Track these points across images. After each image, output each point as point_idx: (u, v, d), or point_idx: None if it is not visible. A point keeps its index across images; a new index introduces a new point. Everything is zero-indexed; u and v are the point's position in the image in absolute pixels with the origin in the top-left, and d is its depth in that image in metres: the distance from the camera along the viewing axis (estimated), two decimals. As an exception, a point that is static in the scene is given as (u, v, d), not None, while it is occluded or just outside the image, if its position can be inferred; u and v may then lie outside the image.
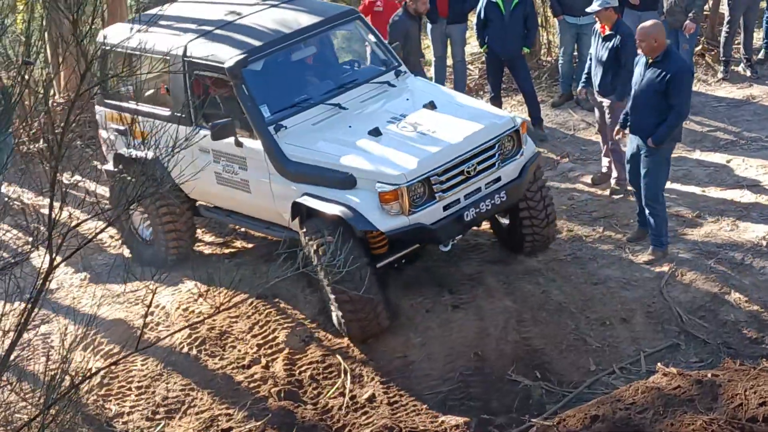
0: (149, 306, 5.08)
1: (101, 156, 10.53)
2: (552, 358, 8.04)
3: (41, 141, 11.09)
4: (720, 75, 11.84)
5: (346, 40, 9.84)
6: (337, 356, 8.33)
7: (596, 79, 9.55)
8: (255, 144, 8.49)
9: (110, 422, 7.99)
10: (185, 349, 8.63)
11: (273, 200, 8.58)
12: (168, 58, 8.57)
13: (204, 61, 8.73)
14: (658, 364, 6.64)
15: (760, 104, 11.13)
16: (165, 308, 9.12)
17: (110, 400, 8.26)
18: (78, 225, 4.40)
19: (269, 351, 8.51)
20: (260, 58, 8.67)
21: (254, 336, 8.67)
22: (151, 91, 9.46)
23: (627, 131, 8.75)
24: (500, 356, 8.05)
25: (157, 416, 8.05)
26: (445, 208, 8.12)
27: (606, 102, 9.57)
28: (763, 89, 11.38)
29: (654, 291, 8.50)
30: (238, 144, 8.54)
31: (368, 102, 8.79)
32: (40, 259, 4.63)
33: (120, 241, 10.25)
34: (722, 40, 11.80)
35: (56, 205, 4.32)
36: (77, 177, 6.51)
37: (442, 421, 7.49)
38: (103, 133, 9.88)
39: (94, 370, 5.53)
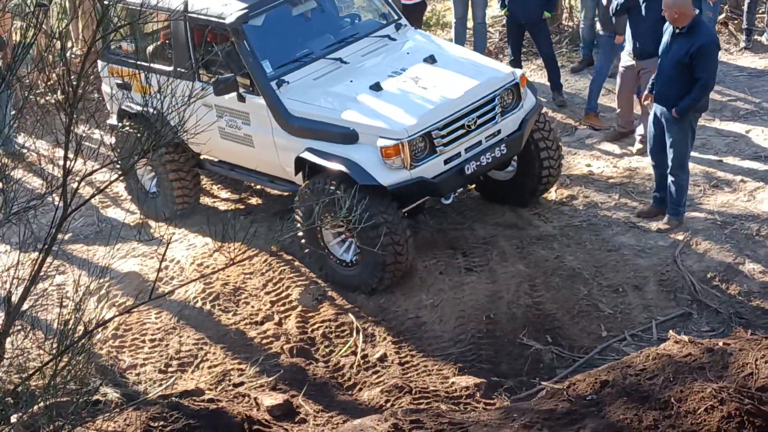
0: (163, 256, 5.10)
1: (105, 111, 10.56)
2: (563, 323, 8.05)
3: (58, 92, 11.10)
4: (742, 44, 11.74)
5: None
6: (350, 315, 8.37)
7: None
8: (258, 99, 8.55)
9: (123, 374, 8.06)
10: (199, 304, 8.69)
11: (276, 155, 8.66)
12: (170, 13, 8.64)
13: (205, 17, 8.75)
14: (670, 331, 6.65)
15: (781, 75, 11.06)
16: (180, 263, 9.17)
17: (124, 352, 8.33)
18: (92, 173, 4.41)
19: (282, 308, 8.55)
20: (261, 13, 8.71)
21: (268, 293, 8.72)
22: (154, 47, 9.50)
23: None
24: (512, 320, 8.07)
25: (170, 369, 8.11)
26: (446, 161, 8.23)
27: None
28: (787, 60, 11.29)
29: (668, 259, 8.48)
30: (241, 99, 8.60)
31: (369, 56, 8.84)
32: (55, 210, 4.65)
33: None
34: (745, 8, 11.68)
35: (70, 156, 4.33)
36: (94, 130, 6.53)
37: (453, 383, 7.52)
38: (106, 88, 9.92)
39: (107, 319, 5.55)
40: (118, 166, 4.53)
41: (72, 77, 4.22)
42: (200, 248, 9.27)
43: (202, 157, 9.53)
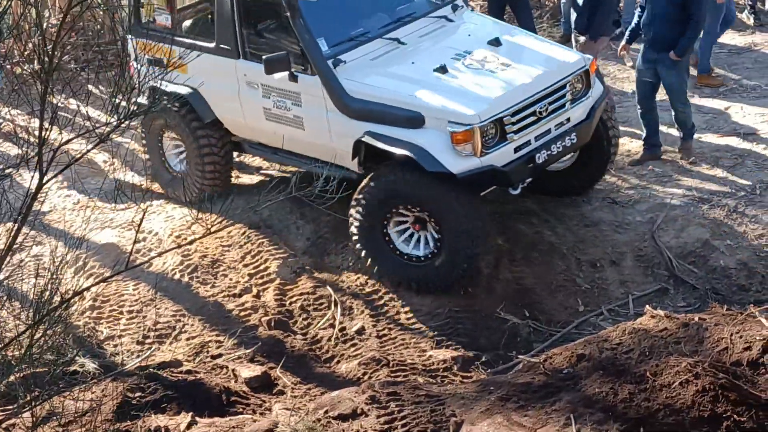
0: (139, 225, 5.07)
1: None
2: (541, 298, 8.10)
3: (35, 62, 11.01)
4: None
5: None
6: (328, 288, 8.38)
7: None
8: (311, 79, 8.15)
9: (101, 345, 8.05)
10: (177, 276, 8.67)
11: (330, 138, 8.26)
12: None
13: None
14: (646, 306, 6.69)
15: (761, 52, 11.07)
16: (158, 234, 9.14)
17: (101, 324, 8.31)
18: (67, 142, 4.38)
19: (260, 281, 8.55)
20: None
21: (246, 265, 8.71)
22: (191, 21, 9.17)
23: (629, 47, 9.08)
24: (490, 294, 8.10)
25: (148, 340, 8.11)
26: (516, 149, 7.86)
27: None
28: (765, 37, 11.30)
29: (645, 235, 8.52)
30: (293, 79, 8.20)
31: (427, 37, 8.48)
32: (32, 181, 4.63)
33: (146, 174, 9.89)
34: (727, -15, 11.68)
35: (46, 125, 4.30)
36: (71, 101, 6.48)
37: (430, 356, 7.56)
38: (134, 65, 9.13)
39: (83, 288, 5.56)
40: (98, 134, 4.47)
41: (48, 46, 4.17)
42: (178, 220, 9.24)
43: (240, 139, 9.14)
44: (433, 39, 8.47)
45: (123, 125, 4.15)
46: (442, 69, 7.97)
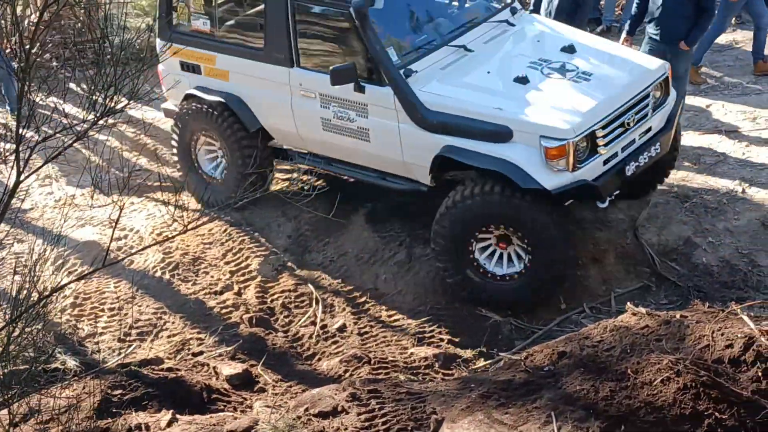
0: (116, 222, 5.04)
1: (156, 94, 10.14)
2: (523, 295, 8.09)
3: (16, 59, 10.99)
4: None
5: None
6: (309, 286, 8.37)
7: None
8: (381, 90, 7.83)
9: (82, 342, 8.01)
10: (158, 274, 8.64)
11: (400, 151, 7.96)
12: None
13: None
14: (628, 303, 6.69)
15: (742, 49, 11.10)
16: (139, 232, 9.10)
17: (82, 321, 8.27)
18: (45, 140, 4.35)
19: (242, 278, 8.53)
20: None
21: (227, 263, 8.69)
22: (235, 26, 8.79)
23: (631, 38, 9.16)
24: (472, 291, 8.09)
25: (129, 338, 8.08)
26: (605, 162, 7.64)
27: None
28: (746, 35, 11.32)
29: (627, 232, 8.53)
30: (359, 89, 7.90)
31: (492, 43, 8.23)
32: (10, 179, 4.59)
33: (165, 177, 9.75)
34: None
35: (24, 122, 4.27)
36: (52, 98, 6.45)
37: (411, 353, 7.55)
38: (163, 69, 9.07)
39: (61, 285, 5.52)
40: (77, 130, 4.44)
41: (25, 44, 4.14)
42: (159, 218, 9.21)
43: (286, 147, 8.89)
44: (500, 45, 8.24)
45: (100, 122, 4.11)
46: (523, 79, 7.70)
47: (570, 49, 8.06)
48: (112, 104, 4.24)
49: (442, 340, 7.79)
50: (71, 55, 11.84)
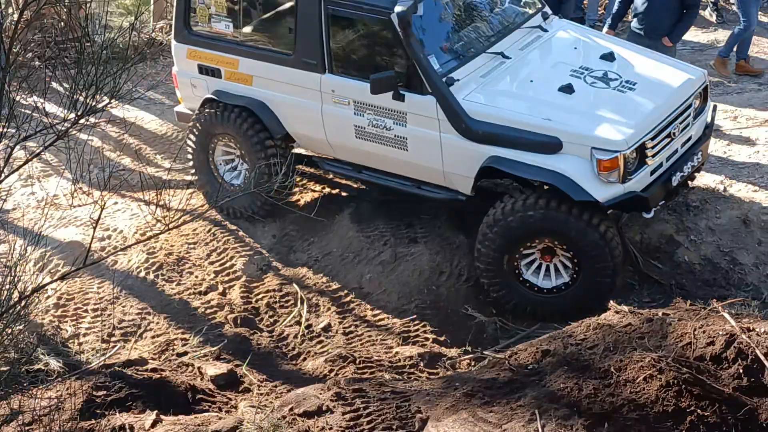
0: (97, 221, 5.03)
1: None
2: (507, 294, 8.11)
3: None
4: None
5: None
6: (294, 285, 8.37)
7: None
8: (423, 99, 7.69)
9: (65, 343, 7.98)
10: (142, 274, 8.62)
11: (440, 160, 7.82)
12: None
13: (356, 3, 7.81)
14: (611, 301, 6.73)
15: (724, 49, 11.14)
16: (123, 232, 9.07)
17: (66, 322, 8.24)
18: (26, 139, 4.33)
19: (226, 278, 8.53)
20: (423, 0, 7.78)
21: (212, 263, 8.68)
22: (260, 30, 8.59)
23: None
24: (456, 291, 8.12)
25: (113, 339, 8.06)
26: (652, 172, 7.58)
27: None
28: (728, 34, 11.36)
29: (611, 231, 8.55)
30: (399, 97, 7.74)
31: (529, 50, 8.13)
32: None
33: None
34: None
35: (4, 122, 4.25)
36: (34, 98, 6.42)
37: (396, 353, 7.56)
38: (178, 72, 8.93)
39: (42, 285, 5.50)
40: (58, 129, 4.42)
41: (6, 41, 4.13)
42: (143, 218, 9.19)
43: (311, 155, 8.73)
44: (538, 52, 8.16)
45: (81, 121, 4.10)
46: (568, 88, 7.62)
47: (609, 57, 8.00)
48: (93, 103, 4.23)
49: (427, 339, 7.81)
50: (53, 53, 11.80)
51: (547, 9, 8.57)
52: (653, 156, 7.52)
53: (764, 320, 5.86)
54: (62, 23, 11.89)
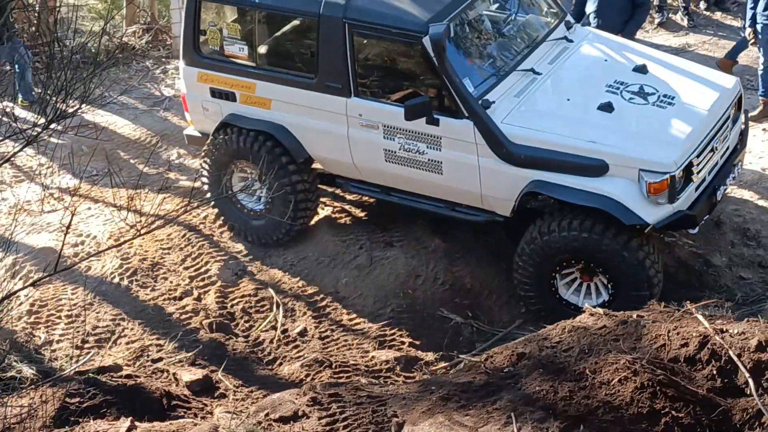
0: (68, 228, 4.99)
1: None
2: (483, 298, 8.13)
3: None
4: (657, 21, 11.91)
5: None
6: (270, 290, 8.35)
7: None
8: (459, 123, 7.51)
9: (39, 350, 7.93)
10: (116, 280, 8.57)
11: (479, 184, 7.65)
12: (316, 16, 7.76)
13: (384, 26, 7.61)
14: (586, 303, 6.76)
15: (695, 53, 11.22)
16: (96, 238, 9.02)
17: (39, 329, 8.19)
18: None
19: (201, 283, 8.50)
20: (453, 20, 7.62)
21: (186, 268, 8.65)
22: (278, 53, 8.43)
23: None
24: (432, 294, 8.12)
25: (87, 345, 8.01)
26: (697, 188, 7.49)
27: None
28: (699, 38, 11.47)
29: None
30: (432, 122, 7.56)
31: (558, 64, 7.94)
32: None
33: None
34: (660, -15, 11.88)
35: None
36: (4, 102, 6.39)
37: (373, 357, 7.56)
38: (188, 95, 8.67)
39: (11, 292, 5.46)
40: (27, 135, 4.38)
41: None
42: (117, 223, 9.14)
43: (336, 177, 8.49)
44: (568, 66, 7.97)
45: (51, 126, 4.06)
46: (608, 106, 7.48)
47: (643, 69, 7.86)
48: (64, 107, 4.19)
49: (403, 343, 7.81)
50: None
51: (569, 18, 8.44)
52: (698, 173, 7.42)
53: (737, 321, 5.89)
54: (33, 27, 11.83)
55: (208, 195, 8.74)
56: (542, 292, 7.69)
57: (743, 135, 8.10)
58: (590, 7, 9.45)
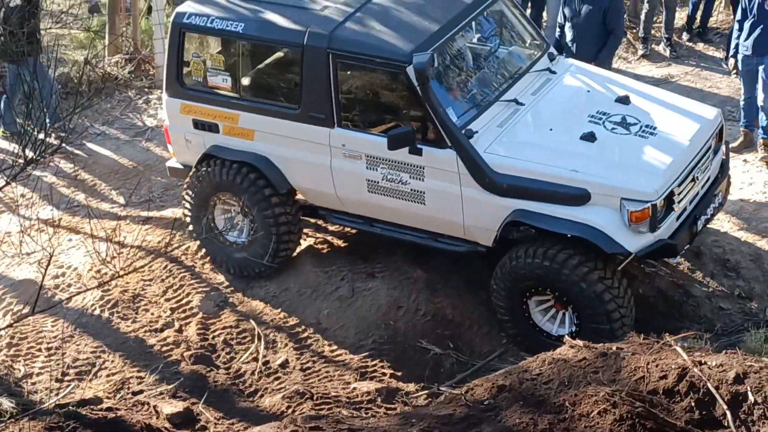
0: (46, 270, 4.99)
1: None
2: (464, 329, 8.14)
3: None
4: (640, 52, 12.01)
5: (492, 21, 8.50)
6: (251, 321, 8.34)
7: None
8: (442, 153, 7.56)
9: (19, 383, 7.88)
10: (97, 312, 8.55)
11: (462, 214, 7.69)
12: (300, 46, 7.79)
13: (368, 56, 7.65)
14: (566, 336, 6.78)
15: (678, 84, 11.32)
16: (77, 269, 9.00)
17: (19, 361, 8.15)
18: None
19: (183, 315, 8.48)
20: (437, 50, 7.65)
21: (168, 300, 8.63)
22: (261, 84, 8.45)
23: None
24: (413, 325, 8.12)
25: (67, 378, 7.97)
26: (677, 218, 7.53)
27: None
28: (682, 69, 11.57)
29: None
30: (415, 152, 7.60)
31: (541, 95, 7.97)
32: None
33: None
34: (642, 17, 11.96)
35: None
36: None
37: (354, 388, 7.55)
38: (171, 126, 8.62)
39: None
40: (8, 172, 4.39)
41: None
42: (96, 257, 9.10)
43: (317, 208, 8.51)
44: (551, 97, 8.01)
45: (32, 165, 4.07)
46: (590, 136, 7.52)
47: (625, 100, 7.91)
48: (43, 149, 4.19)
49: (384, 374, 7.80)
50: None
51: (552, 50, 8.51)
52: (679, 202, 7.48)
53: (716, 354, 5.92)
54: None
55: (190, 228, 8.74)
56: (516, 318, 7.77)
57: (724, 165, 8.16)
58: (568, 36, 9.61)
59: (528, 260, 7.46)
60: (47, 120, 10.49)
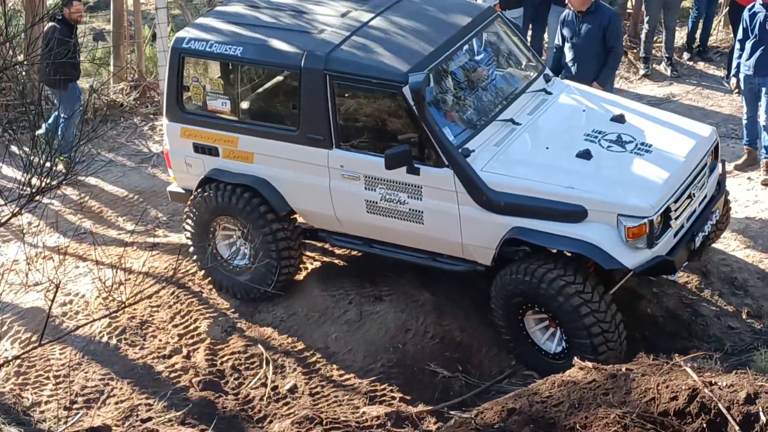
0: (52, 301, 4.99)
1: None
2: (473, 351, 8.12)
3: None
4: (641, 72, 12.05)
5: (488, 42, 8.53)
6: (259, 346, 8.32)
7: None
8: (439, 172, 7.61)
9: (27, 411, 7.87)
10: (105, 339, 8.55)
11: (460, 233, 7.73)
12: (297, 68, 7.87)
13: (364, 77, 7.71)
14: (575, 357, 6.77)
15: (679, 103, 11.35)
16: (85, 297, 9.00)
17: (27, 390, 8.14)
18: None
19: (190, 341, 8.47)
20: (433, 70, 7.74)
21: (175, 326, 8.62)
22: (260, 107, 8.51)
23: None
24: (421, 348, 8.10)
25: (75, 406, 7.96)
26: (675, 234, 7.57)
27: None
28: (683, 88, 11.61)
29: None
30: (413, 171, 7.65)
31: (537, 114, 8.05)
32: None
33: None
34: (643, 36, 12.01)
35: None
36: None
37: (363, 413, 7.53)
38: (171, 151, 8.67)
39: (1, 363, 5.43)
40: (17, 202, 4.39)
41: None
42: (104, 284, 9.11)
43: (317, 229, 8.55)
44: (547, 116, 8.08)
45: (37, 198, 4.07)
46: (586, 154, 7.58)
47: (620, 119, 7.95)
48: (48, 181, 4.19)
49: (393, 398, 7.78)
50: (12, 117, 11.76)
51: (548, 71, 8.54)
52: (676, 219, 7.50)
53: (726, 374, 5.92)
54: (20, 87, 11.85)
55: (192, 250, 8.78)
56: (516, 337, 7.82)
57: (721, 183, 8.20)
58: (568, 56, 9.61)
59: (512, 276, 7.54)
60: (58, 147, 10.55)
